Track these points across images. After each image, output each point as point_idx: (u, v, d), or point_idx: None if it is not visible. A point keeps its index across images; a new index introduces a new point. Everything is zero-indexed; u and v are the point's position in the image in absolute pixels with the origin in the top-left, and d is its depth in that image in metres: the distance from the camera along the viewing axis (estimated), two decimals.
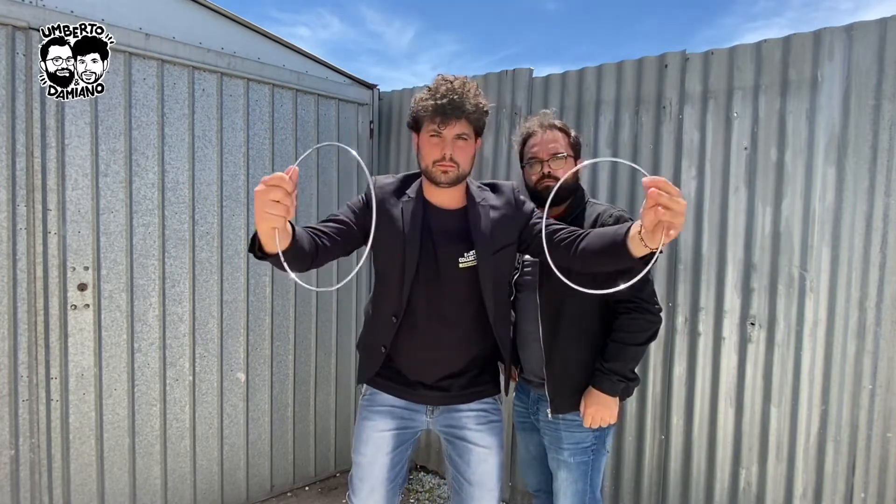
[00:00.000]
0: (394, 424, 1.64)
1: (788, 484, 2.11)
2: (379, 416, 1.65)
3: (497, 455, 1.65)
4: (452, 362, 1.62)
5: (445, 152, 1.50)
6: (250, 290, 2.70)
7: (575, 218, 1.76)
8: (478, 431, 1.64)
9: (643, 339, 1.67)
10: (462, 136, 1.52)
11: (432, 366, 1.62)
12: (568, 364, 1.72)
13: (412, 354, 1.62)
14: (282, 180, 1.04)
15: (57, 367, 2.18)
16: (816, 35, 2.01)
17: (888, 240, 1.91)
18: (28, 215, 2.08)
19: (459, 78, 1.53)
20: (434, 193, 1.60)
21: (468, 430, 1.64)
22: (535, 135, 1.82)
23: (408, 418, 1.66)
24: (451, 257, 1.56)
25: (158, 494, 2.48)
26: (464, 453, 1.64)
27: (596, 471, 1.77)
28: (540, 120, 1.84)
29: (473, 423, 1.65)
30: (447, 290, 1.57)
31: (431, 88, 1.53)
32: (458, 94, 1.49)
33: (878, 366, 1.95)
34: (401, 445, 1.65)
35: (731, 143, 2.19)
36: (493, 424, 1.67)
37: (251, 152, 2.66)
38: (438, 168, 1.52)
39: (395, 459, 1.64)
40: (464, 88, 1.50)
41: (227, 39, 2.57)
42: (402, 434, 1.66)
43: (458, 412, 1.65)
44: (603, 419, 1.68)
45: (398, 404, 1.66)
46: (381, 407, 1.66)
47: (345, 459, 3.19)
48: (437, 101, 1.48)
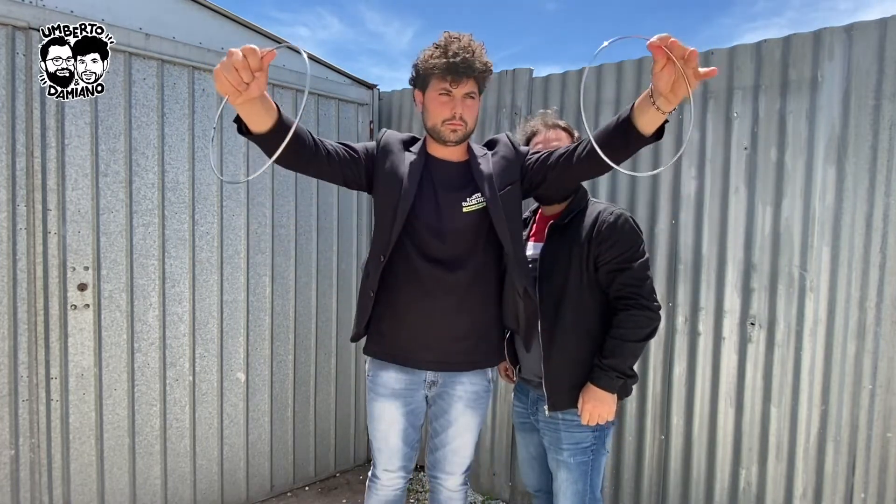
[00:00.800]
0: (398, 403, 1.71)
1: (788, 484, 2.11)
2: (383, 397, 1.72)
3: (474, 430, 1.77)
4: (453, 321, 1.64)
5: (456, 111, 1.53)
6: (250, 290, 2.70)
7: (575, 216, 1.76)
8: (464, 415, 1.72)
9: (642, 335, 1.67)
10: (470, 94, 1.55)
11: (434, 320, 1.63)
12: (566, 361, 1.72)
13: (412, 307, 1.63)
14: (252, 53, 1.03)
15: (57, 367, 2.18)
16: (816, 35, 2.01)
17: (888, 240, 1.91)
18: (28, 215, 2.08)
19: (466, 35, 1.54)
20: (438, 149, 1.64)
21: (455, 410, 1.72)
22: (538, 133, 1.83)
23: (409, 397, 1.73)
24: (454, 202, 1.59)
25: (158, 494, 2.48)
26: (445, 424, 1.74)
27: (596, 471, 1.77)
28: (544, 119, 1.85)
29: (462, 405, 1.72)
30: (450, 236, 1.59)
31: (440, 46, 1.52)
32: (470, 53, 1.49)
33: (878, 366, 1.95)
34: (410, 417, 1.73)
35: (731, 143, 2.19)
36: (480, 402, 1.75)
37: (251, 152, 2.66)
38: (448, 127, 1.54)
39: (406, 428, 1.74)
40: (472, 46, 1.51)
41: (227, 39, 2.57)
42: (410, 410, 1.73)
43: (452, 391, 1.71)
44: (601, 416, 1.68)
45: (398, 386, 1.71)
46: (383, 388, 1.72)
47: (345, 459, 3.19)
48: (450, 59, 1.48)
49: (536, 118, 1.88)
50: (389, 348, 1.69)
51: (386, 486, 1.82)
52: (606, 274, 1.69)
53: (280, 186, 2.77)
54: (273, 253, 2.77)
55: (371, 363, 1.77)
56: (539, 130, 1.83)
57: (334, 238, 3.03)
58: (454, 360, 1.68)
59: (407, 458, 1.77)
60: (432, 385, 1.73)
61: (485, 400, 1.78)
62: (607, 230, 1.68)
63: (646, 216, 2.38)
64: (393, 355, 1.69)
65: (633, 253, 1.68)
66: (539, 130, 1.83)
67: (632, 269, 1.67)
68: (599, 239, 1.68)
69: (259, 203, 2.70)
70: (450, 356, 1.67)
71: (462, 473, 1.80)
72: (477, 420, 1.77)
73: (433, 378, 1.72)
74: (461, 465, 1.78)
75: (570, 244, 1.73)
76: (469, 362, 1.69)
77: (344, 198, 3.05)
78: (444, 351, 1.66)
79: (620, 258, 1.67)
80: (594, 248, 1.69)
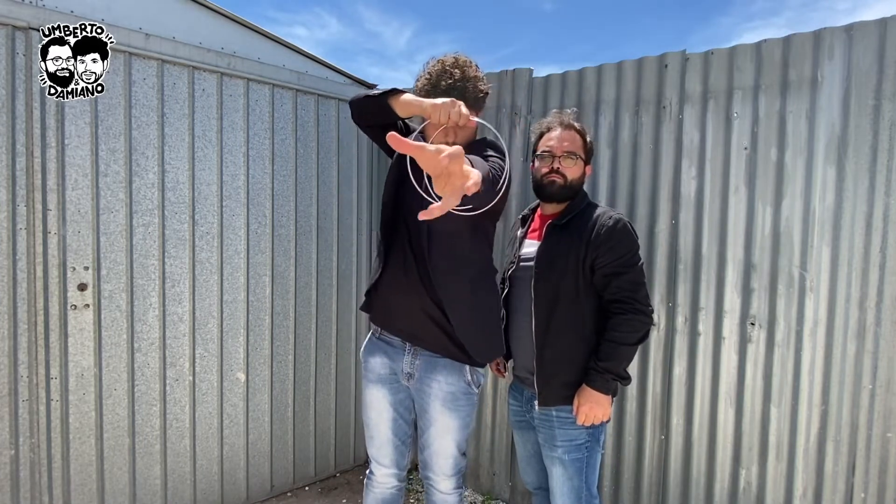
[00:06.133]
0: (386, 390, 1.84)
1: (788, 484, 2.11)
2: (372, 384, 1.86)
3: (454, 432, 1.77)
4: (419, 304, 1.73)
5: (449, 140, 1.62)
6: (250, 290, 2.70)
7: (574, 217, 1.78)
8: (442, 415, 1.76)
9: (636, 339, 1.71)
10: None
11: (405, 296, 1.75)
12: (558, 358, 1.75)
13: (395, 282, 1.77)
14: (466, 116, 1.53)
15: (57, 367, 2.18)
16: (816, 35, 2.01)
17: (888, 240, 1.91)
18: (28, 215, 2.08)
19: (459, 64, 1.65)
20: None
21: (433, 409, 1.76)
22: (553, 130, 1.85)
23: (395, 383, 1.84)
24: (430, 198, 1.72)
25: (158, 494, 2.48)
26: (426, 425, 1.80)
27: (591, 468, 1.78)
28: (560, 118, 1.87)
29: (440, 405, 1.75)
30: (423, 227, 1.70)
31: (432, 77, 1.64)
32: (460, 85, 1.61)
33: (878, 366, 1.95)
34: (398, 407, 1.85)
35: (731, 143, 2.19)
36: (460, 407, 1.76)
37: (251, 152, 2.66)
38: None
39: (395, 419, 1.84)
40: (465, 78, 1.62)
41: (227, 39, 2.57)
42: (396, 399, 1.84)
43: (428, 388, 1.75)
44: (596, 417, 1.71)
45: (384, 371, 1.82)
46: (372, 374, 1.86)
47: (345, 459, 3.19)
48: (439, 97, 1.58)
49: (554, 116, 1.88)
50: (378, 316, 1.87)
51: (380, 482, 1.88)
52: (602, 277, 1.71)
53: (280, 186, 2.77)
54: (273, 253, 2.77)
55: (363, 350, 1.89)
56: (555, 128, 1.84)
57: (334, 238, 3.03)
58: (423, 337, 1.74)
59: (398, 451, 1.84)
60: (409, 377, 1.78)
61: (464, 403, 1.76)
62: (605, 234, 1.70)
63: (646, 216, 2.38)
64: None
65: (630, 258, 1.72)
66: (555, 128, 1.84)
67: (628, 273, 1.70)
68: (597, 242, 1.70)
69: (259, 203, 2.70)
70: (418, 331, 1.75)
71: (452, 476, 1.81)
72: (457, 423, 1.76)
73: (409, 370, 1.77)
74: (446, 467, 1.79)
75: (568, 245, 1.74)
76: (438, 346, 1.73)
77: (344, 198, 3.05)
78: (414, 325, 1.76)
79: (617, 262, 1.70)
80: (591, 251, 1.71)
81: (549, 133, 1.85)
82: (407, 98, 1.62)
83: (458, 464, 1.82)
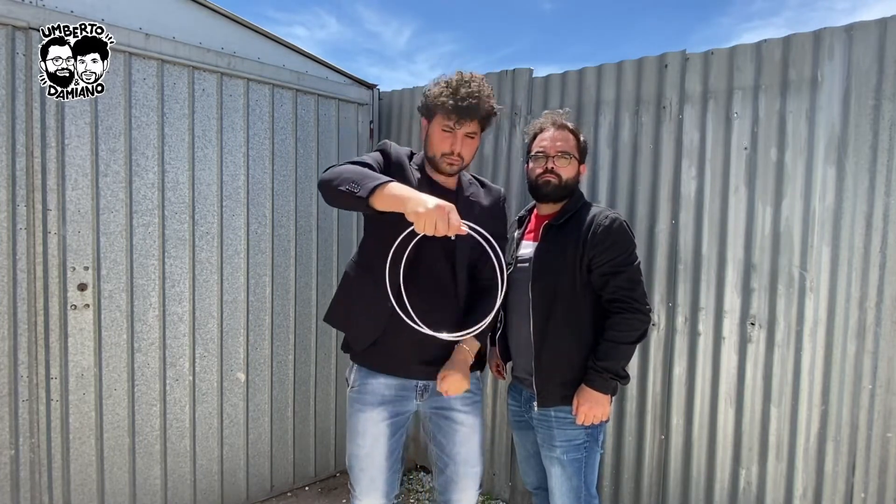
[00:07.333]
0: (387, 413, 1.69)
1: (788, 484, 2.11)
2: (371, 407, 1.69)
3: (479, 433, 1.78)
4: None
5: (455, 148, 1.64)
6: (250, 290, 2.70)
7: (570, 217, 1.78)
8: (463, 413, 1.74)
9: (634, 337, 1.72)
10: (471, 134, 1.66)
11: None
12: (556, 358, 1.75)
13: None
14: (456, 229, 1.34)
15: (57, 367, 2.18)
16: (816, 35, 2.01)
17: (888, 240, 1.91)
18: (28, 215, 2.08)
19: (477, 79, 1.65)
20: (435, 174, 1.74)
21: (455, 412, 1.74)
22: (546, 130, 1.85)
23: (399, 404, 1.72)
24: None
25: (158, 494, 2.48)
26: (450, 433, 1.74)
27: (590, 467, 1.78)
28: (553, 118, 1.87)
29: (460, 405, 1.74)
30: (437, 252, 1.68)
31: (451, 86, 1.62)
32: (476, 98, 1.60)
33: (878, 366, 1.95)
34: (396, 433, 1.72)
35: (731, 143, 2.19)
36: (476, 405, 1.78)
37: (251, 152, 2.66)
38: (445, 160, 1.66)
39: (392, 447, 1.71)
40: (481, 92, 1.62)
41: (227, 39, 2.57)
42: (397, 421, 1.72)
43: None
44: (595, 416, 1.72)
45: (388, 392, 1.70)
46: (372, 397, 1.70)
47: (345, 459, 3.19)
48: (458, 102, 1.59)
49: (547, 116, 1.89)
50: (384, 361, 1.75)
51: None
52: (600, 277, 1.71)
53: (280, 186, 2.77)
54: (273, 253, 2.77)
55: (357, 371, 1.75)
56: (548, 128, 1.84)
57: (334, 238, 3.03)
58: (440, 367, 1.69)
59: (389, 484, 1.71)
60: (423, 392, 1.74)
61: (479, 404, 1.80)
62: (603, 234, 1.70)
63: (646, 216, 2.38)
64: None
65: (627, 257, 1.72)
66: (548, 128, 1.84)
67: (625, 272, 1.70)
68: (594, 242, 1.70)
69: (259, 203, 2.70)
70: (437, 364, 1.70)
71: (477, 490, 1.77)
72: (479, 422, 1.78)
73: (424, 384, 1.73)
74: (474, 478, 1.76)
75: (565, 245, 1.75)
76: None
77: None
78: (431, 364, 1.70)
79: (614, 262, 1.70)
80: (589, 251, 1.71)
81: (543, 133, 1.85)
82: (391, 192, 1.36)
83: (483, 474, 1.79)
